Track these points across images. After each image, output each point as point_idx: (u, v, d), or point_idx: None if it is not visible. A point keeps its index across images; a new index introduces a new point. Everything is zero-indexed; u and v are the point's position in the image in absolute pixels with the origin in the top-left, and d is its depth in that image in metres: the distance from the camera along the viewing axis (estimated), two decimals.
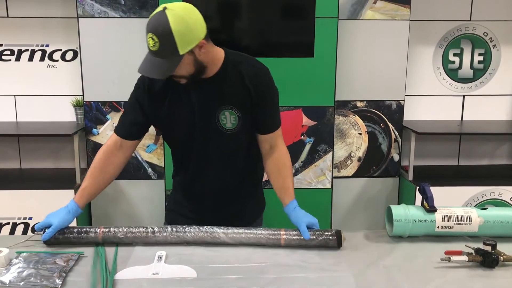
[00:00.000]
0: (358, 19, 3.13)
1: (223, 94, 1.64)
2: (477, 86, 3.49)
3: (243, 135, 1.70)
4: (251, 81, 1.64)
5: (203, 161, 1.73)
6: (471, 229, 1.65)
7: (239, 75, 1.64)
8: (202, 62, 1.57)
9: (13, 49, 3.24)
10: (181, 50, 1.48)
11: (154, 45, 1.48)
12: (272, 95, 1.74)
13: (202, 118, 1.65)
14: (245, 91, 1.64)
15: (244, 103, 1.65)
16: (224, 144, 1.69)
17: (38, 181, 3.13)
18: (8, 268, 1.41)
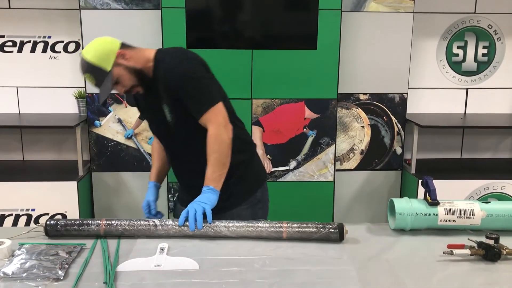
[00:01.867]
0: (362, 11, 3.11)
1: (157, 93, 1.78)
2: (481, 79, 3.48)
3: (184, 125, 1.81)
4: (166, 75, 1.75)
5: (170, 151, 1.95)
6: (474, 223, 1.65)
7: (162, 72, 1.77)
8: (134, 67, 1.75)
9: (15, 41, 3.24)
10: (107, 67, 1.72)
11: (92, 80, 1.74)
12: (185, 82, 1.75)
13: (155, 115, 1.86)
14: (166, 86, 1.76)
15: (170, 97, 1.77)
16: (176, 134, 1.85)
17: (41, 173, 3.14)
18: (11, 259, 1.41)
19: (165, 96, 1.77)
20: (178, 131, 1.83)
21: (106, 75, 1.72)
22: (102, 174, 3.22)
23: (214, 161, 1.74)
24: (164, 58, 1.78)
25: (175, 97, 1.75)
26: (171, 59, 1.78)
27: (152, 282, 1.33)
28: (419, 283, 1.34)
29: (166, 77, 1.75)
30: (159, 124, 1.89)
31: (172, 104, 1.77)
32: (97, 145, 3.19)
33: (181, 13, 2.86)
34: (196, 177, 1.83)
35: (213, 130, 1.74)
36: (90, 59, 1.71)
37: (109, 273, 1.36)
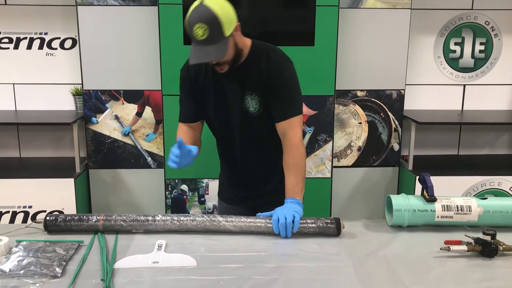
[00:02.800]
0: (359, 7, 3.11)
1: (245, 81, 1.76)
2: (478, 76, 3.48)
3: (264, 119, 1.79)
4: (265, 66, 1.74)
5: (238, 141, 1.86)
6: (471, 219, 1.65)
7: (259, 65, 1.74)
8: (238, 45, 1.70)
9: (11, 37, 3.22)
10: (227, 32, 1.61)
11: (203, 34, 1.58)
12: (285, 84, 1.76)
13: (232, 103, 1.80)
14: (262, 80, 1.74)
15: (262, 88, 1.75)
16: (252, 125, 1.81)
17: (38, 170, 3.13)
18: (8, 256, 1.41)
19: (256, 86, 1.74)
20: (260, 122, 1.80)
21: (221, 40, 1.60)
22: (99, 171, 3.22)
23: (297, 172, 1.74)
24: (266, 51, 1.76)
25: (267, 91, 1.74)
26: (276, 56, 1.76)
27: (149, 279, 1.33)
28: (416, 279, 1.34)
29: (269, 70, 1.72)
30: (229, 112, 1.81)
31: (261, 95, 1.75)
32: (94, 142, 3.18)
33: (178, 9, 2.85)
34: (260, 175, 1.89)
35: (296, 138, 1.75)
36: (217, 12, 1.57)
37: (107, 270, 1.36)
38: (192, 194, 3.12)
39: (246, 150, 1.88)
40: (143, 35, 3.05)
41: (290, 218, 1.59)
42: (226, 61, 1.68)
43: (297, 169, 1.74)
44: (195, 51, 1.63)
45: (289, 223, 1.58)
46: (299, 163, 1.75)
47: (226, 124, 1.85)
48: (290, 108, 1.77)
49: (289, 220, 1.58)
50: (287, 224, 1.58)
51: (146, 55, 3.06)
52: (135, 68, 3.08)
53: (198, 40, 1.59)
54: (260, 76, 1.74)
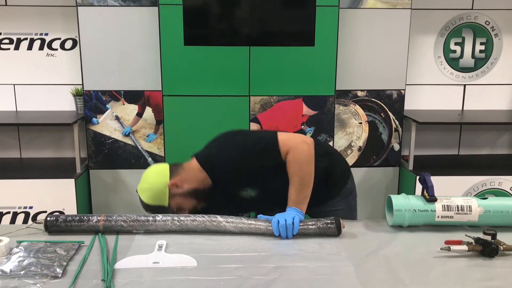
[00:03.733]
0: (359, 7, 3.11)
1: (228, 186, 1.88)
2: (478, 76, 3.48)
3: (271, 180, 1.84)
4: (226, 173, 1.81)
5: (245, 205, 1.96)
6: (471, 219, 1.65)
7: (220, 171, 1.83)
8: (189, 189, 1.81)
9: (12, 38, 3.22)
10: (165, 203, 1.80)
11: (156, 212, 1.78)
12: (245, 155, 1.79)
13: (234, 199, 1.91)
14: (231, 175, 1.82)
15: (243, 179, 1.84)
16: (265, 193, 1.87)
17: (38, 170, 3.13)
18: (9, 257, 1.41)
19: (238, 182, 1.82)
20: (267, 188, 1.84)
21: (167, 209, 1.79)
22: (100, 172, 3.22)
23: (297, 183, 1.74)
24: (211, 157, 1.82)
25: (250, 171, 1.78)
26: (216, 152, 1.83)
27: (150, 279, 1.33)
28: (417, 279, 1.34)
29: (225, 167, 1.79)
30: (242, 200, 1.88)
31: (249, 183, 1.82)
32: (95, 142, 3.18)
33: (179, 10, 2.85)
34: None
35: (292, 154, 1.75)
36: (147, 202, 1.81)
37: (107, 270, 1.36)
38: None
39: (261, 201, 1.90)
40: (143, 36, 3.05)
41: (290, 220, 1.59)
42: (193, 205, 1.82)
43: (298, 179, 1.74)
44: None
45: (289, 224, 1.58)
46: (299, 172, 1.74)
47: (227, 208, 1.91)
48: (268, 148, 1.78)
49: (288, 221, 1.59)
50: (287, 225, 1.58)
51: (147, 55, 3.07)
52: (136, 68, 3.09)
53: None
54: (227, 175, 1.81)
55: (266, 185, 1.83)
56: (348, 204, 1.95)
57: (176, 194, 1.79)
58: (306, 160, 1.74)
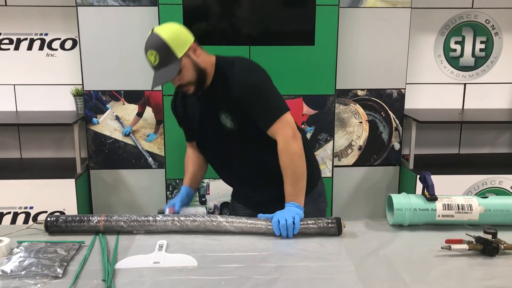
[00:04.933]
0: (359, 6, 3.11)
1: (216, 101, 1.78)
2: (478, 74, 3.48)
3: (246, 131, 1.78)
4: (234, 83, 1.73)
5: (223, 160, 1.89)
6: (472, 218, 1.65)
7: (226, 80, 1.75)
8: (200, 65, 1.72)
9: (11, 38, 3.22)
10: (179, 53, 1.66)
11: (155, 59, 1.67)
12: (257, 94, 1.74)
13: (209, 122, 1.82)
14: (233, 95, 1.73)
15: (235, 107, 1.74)
16: (240, 140, 1.81)
17: (39, 171, 3.13)
18: (9, 257, 1.41)
19: (227, 105, 1.74)
20: (241, 137, 1.80)
21: (174, 61, 1.66)
22: (100, 172, 3.22)
23: (291, 176, 1.72)
24: (229, 68, 1.75)
25: (240, 108, 1.73)
26: (238, 70, 1.75)
27: (150, 279, 1.33)
28: (417, 278, 1.34)
29: (234, 88, 1.72)
30: (211, 133, 1.84)
31: (235, 113, 1.75)
32: (95, 142, 3.18)
33: (178, 10, 2.85)
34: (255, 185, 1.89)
35: (282, 144, 1.72)
36: (164, 37, 1.65)
37: (108, 270, 1.36)
38: None
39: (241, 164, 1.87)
40: (143, 36, 3.01)
41: (290, 220, 1.59)
42: (188, 81, 1.71)
43: (291, 172, 1.72)
44: (154, 76, 1.70)
45: (289, 224, 1.58)
46: (289, 165, 1.72)
47: (212, 145, 1.88)
48: (270, 115, 1.75)
49: (289, 221, 1.58)
50: (288, 225, 1.58)
51: None
52: (136, 68, 3.09)
53: (153, 66, 1.69)
54: (229, 95, 1.73)
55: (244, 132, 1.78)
56: (317, 208, 1.92)
57: (191, 58, 1.69)
58: (298, 154, 1.73)
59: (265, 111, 1.75)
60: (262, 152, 1.81)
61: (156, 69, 1.69)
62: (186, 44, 1.68)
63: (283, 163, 1.73)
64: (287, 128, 1.74)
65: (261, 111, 1.74)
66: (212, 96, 1.78)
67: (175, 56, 1.66)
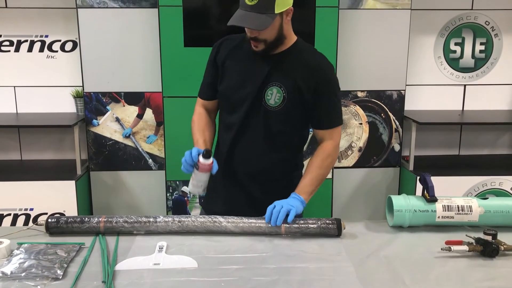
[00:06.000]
0: (359, 8, 3.11)
1: (280, 70, 1.68)
2: (478, 76, 3.48)
3: (281, 117, 1.70)
4: (316, 70, 1.68)
5: (243, 130, 1.75)
6: (472, 219, 1.65)
7: (304, 62, 1.69)
8: (283, 30, 1.64)
9: (12, 40, 3.23)
10: (277, 9, 1.56)
11: None
12: (331, 92, 1.72)
13: (251, 86, 1.70)
14: (305, 78, 1.67)
15: (298, 88, 1.67)
16: (262, 120, 1.71)
17: (39, 172, 3.13)
18: (10, 259, 1.41)
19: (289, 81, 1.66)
20: (276, 118, 1.70)
21: (269, 13, 1.55)
22: (100, 173, 3.22)
23: (317, 176, 1.72)
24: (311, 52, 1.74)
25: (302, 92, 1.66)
26: (322, 60, 1.73)
27: (150, 280, 1.33)
28: (417, 279, 1.34)
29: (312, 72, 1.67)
30: (246, 101, 1.70)
31: (292, 92, 1.67)
32: (95, 144, 3.19)
33: (178, 12, 2.86)
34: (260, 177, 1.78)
35: (332, 147, 1.73)
36: None
37: (108, 272, 1.36)
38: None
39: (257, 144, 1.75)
40: (143, 37, 3.05)
41: (285, 208, 1.57)
42: (265, 39, 1.62)
43: (319, 173, 1.72)
44: (238, 14, 1.59)
45: (282, 212, 1.56)
46: (325, 167, 1.74)
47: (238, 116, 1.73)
48: (335, 118, 1.75)
49: (283, 209, 1.57)
50: (281, 212, 1.56)
51: (147, 57, 3.07)
52: (136, 70, 3.09)
53: (247, 4, 1.56)
54: (302, 73, 1.67)
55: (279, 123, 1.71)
56: None
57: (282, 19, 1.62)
58: (333, 164, 1.78)
59: (333, 112, 1.74)
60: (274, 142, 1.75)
61: (248, 9, 1.56)
62: (287, 4, 1.59)
63: (318, 162, 1.73)
64: (339, 137, 1.78)
65: (331, 109, 1.73)
66: (277, 64, 1.68)
67: (273, 8, 1.55)
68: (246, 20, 1.56)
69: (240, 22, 1.57)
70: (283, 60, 1.69)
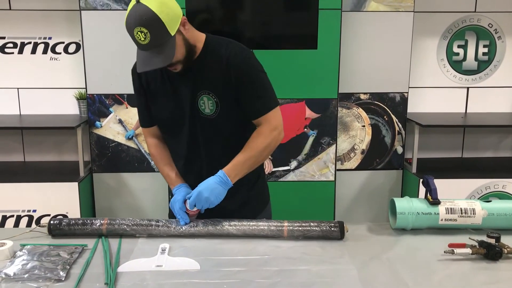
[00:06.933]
0: (362, 10, 3.11)
1: (201, 79, 1.61)
2: (481, 78, 3.47)
3: (224, 121, 1.65)
4: (230, 62, 1.59)
5: (192, 148, 1.70)
6: (475, 222, 1.65)
7: (218, 59, 1.60)
8: (190, 42, 1.56)
9: (15, 42, 3.24)
10: (172, 31, 1.47)
11: (145, 38, 1.44)
12: (256, 75, 1.62)
13: (183, 103, 1.64)
14: (224, 75, 1.59)
15: (224, 87, 1.60)
16: (207, 130, 1.66)
17: (42, 174, 3.14)
18: (13, 260, 1.41)
19: (214, 85, 1.59)
20: (220, 124, 1.64)
21: (167, 40, 1.46)
22: (103, 175, 3.22)
23: (250, 158, 1.62)
24: (224, 48, 1.60)
25: (229, 90, 1.59)
26: (236, 52, 1.60)
27: (153, 282, 1.33)
28: (420, 282, 1.34)
29: (230, 69, 1.57)
30: (183, 117, 1.65)
31: (221, 95, 1.60)
32: (98, 146, 3.19)
33: None
34: None
35: (266, 129, 1.62)
36: (155, 10, 1.41)
37: (110, 273, 1.36)
38: None
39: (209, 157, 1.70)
40: None
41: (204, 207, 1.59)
42: (178, 60, 1.54)
43: (252, 154, 1.62)
44: (140, 57, 1.50)
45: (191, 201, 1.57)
46: (260, 150, 1.63)
47: (180, 129, 1.68)
48: (266, 102, 1.64)
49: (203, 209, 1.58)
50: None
51: None
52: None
53: (143, 45, 1.46)
54: (220, 72, 1.59)
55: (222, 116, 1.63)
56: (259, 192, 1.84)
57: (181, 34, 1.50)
58: (271, 148, 1.65)
59: (262, 98, 1.64)
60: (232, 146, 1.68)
61: (145, 48, 1.47)
62: (178, 19, 1.48)
63: (255, 143, 1.62)
64: (279, 119, 1.66)
65: (257, 97, 1.63)
66: (197, 74, 1.60)
67: (167, 33, 1.45)
68: (152, 62, 1.48)
69: (148, 66, 1.49)
70: (200, 68, 1.61)
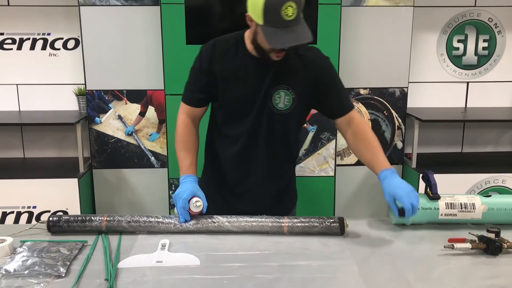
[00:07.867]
0: (362, 5, 3.10)
1: (283, 73, 1.66)
2: (481, 73, 3.47)
3: (293, 118, 1.72)
4: (315, 64, 1.69)
5: (252, 139, 1.72)
6: (475, 217, 1.65)
7: (302, 58, 1.68)
8: None
9: (14, 38, 3.23)
10: (302, 14, 1.55)
11: (293, 13, 1.48)
12: (337, 78, 1.76)
13: (256, 94, 1.66)
14: (307, 75, 1.68)
15: (303, 85, 1.68)
16: (273, 124, 1.70)
17: (42, 170, 3.14)
18: (13, 257, 1.42)
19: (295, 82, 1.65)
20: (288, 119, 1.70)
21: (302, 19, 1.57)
22: (103, 171, 3.22)
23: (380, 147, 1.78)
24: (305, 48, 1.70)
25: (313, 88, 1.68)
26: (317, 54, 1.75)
27: (153, 278, 1.33)
28: (420, 277, 1.34)
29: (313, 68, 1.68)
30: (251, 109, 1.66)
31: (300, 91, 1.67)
32: (98, 142, 3.19)
33: (181, 9, 2.86)
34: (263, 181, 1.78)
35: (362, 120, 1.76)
36: None
37: (110, 269, 1.36)
38: None
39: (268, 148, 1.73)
40: (145, 35, 3.05)
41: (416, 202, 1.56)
42: None
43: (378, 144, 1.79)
44: (281, 34, 1.49)
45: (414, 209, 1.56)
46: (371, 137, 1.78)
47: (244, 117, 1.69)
48: (348, 101, 1.78)
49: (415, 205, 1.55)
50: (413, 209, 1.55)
51: (149, 54, 3.07)
52: (138, 68, 3.09)
53: (286, 20, 1.47)
54: (303, 70, 1.67)
55: None
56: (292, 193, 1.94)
57: None
58: None
59: (345, 97, 1.78)
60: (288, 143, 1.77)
61: (289, 24, 1.49)
62: None
63: (371, 136, 1.77)
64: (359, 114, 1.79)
65: (341, 95, 1.75)
66: (278, 68, 1.64)
67: (301, 14, 1.54)
68: (299, 37, 1.51)
69: (295, 42, 1.51)
70: (282, 62, 1.63)
